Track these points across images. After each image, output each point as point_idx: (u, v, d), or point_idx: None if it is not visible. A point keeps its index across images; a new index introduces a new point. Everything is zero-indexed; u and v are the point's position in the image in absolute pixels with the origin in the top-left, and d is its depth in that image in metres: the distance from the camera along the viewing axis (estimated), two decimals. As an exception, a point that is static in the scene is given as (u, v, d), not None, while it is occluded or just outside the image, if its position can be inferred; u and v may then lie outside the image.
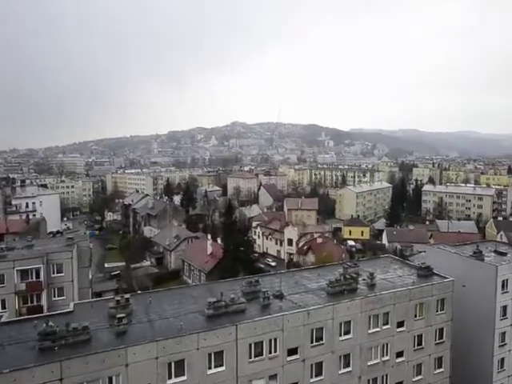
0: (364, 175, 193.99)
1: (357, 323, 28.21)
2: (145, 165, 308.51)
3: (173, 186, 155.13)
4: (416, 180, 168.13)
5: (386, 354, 29.67)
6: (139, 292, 38.42)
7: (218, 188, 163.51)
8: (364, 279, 31.80)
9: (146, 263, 76.09)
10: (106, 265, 74.93)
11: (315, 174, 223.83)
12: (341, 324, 27.68)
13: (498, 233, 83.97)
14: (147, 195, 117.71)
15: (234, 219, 67.00)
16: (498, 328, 34.73)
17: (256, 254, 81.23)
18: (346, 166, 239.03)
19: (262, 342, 24.95)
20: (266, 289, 28.37)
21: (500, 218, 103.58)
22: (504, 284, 34.69)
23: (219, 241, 67.76)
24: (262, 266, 74.82)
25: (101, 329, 23.73)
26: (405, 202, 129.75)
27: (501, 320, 34.85)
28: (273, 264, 78.02)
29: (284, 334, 25.50)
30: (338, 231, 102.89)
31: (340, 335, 27.72)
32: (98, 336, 22.90)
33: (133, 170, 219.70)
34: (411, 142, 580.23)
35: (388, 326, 29.48)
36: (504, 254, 37.88)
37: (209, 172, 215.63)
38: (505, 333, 35.24)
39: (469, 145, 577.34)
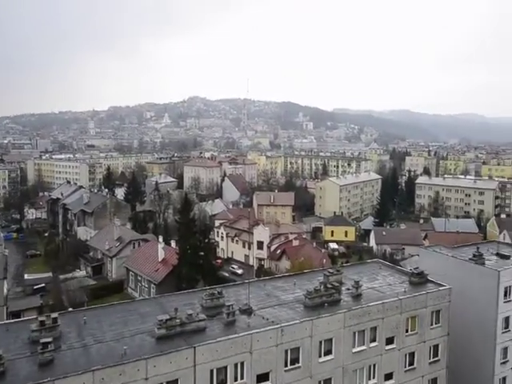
0: (349, 164, 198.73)
1: (339, 341, 28.92)
2: (78, 149, 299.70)
3: (115, 176, 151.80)
4: (409, 171, 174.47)
5: (373, 377, 30.68)
6: (71, 310, 37.28)
7: (173, 179, 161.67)
8: (348, 289, 32.62)
9: (80, 273, 74.09)
10: (26, 276, 72.26)
11: (291, 163, 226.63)
12: (320, 343, 28.27)
13: (500, 232, 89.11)
14: (81, 187, 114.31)
15: (192, 217, 66.58)
16: (499, 343, 36.87)
17: (219, 260, 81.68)
18: (328, 154, 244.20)
19: (225, 368, 25.04)
20: (230, 302, 28.42)
21: (503, 216, 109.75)
22: (507, 292, 36.83)
23: (173, 244, 67.08)
24: (226, 274, 75.20)
25: (19, 358, 22.88)
26: (396, 197, 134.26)
27: (503, 333, 37.01)
28: (239, 272, 78.47)
29: (252, 356, 25.70)
30: (318, 231, 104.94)
31: (319, 356, 28.31)
32: (16, 367, 22.05)
33: (62, 156, 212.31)
34: (404, 125, 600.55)
35: (375, 344, 30.48)
36: (507, 258, 40.20)
37: (160, 159, 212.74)
38: (507, 348, 37.48)
39: (471, 130, 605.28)
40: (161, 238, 68.11)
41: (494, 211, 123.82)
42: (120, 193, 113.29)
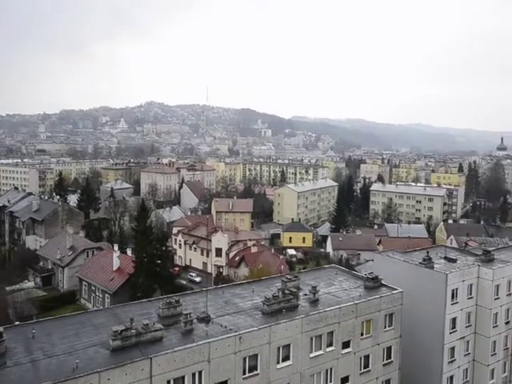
0: (307, 172, 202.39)
1: (297, 346, 29.23)
2: (28, 153, 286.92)
3: (67, 182, 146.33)
4: (364, 178, 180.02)
5: (330, 381, 31.19)
6: (18, 323, 35.43)
7: (129, 185, 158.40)
8: (306, 294, 33.09)
9: (29, 284, 70.69)
10: (-31, 288, 67.97)
11: (250, 170, 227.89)
12: (279, 349, 28.44)
13: (447, 237, 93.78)
14: (31, 194, 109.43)
15: (149, 225, 65.34)
16: (447, 343, 38.67)
17: (177, 268, 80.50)
18: (286, 161, 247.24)
19: (183, 378, 24.63)
20: (188, 311, 28.07)
21: (450, 221, 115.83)
22: (454, 294, 38.77)
23: (129, 252, 65.73)
24: (183, 282, 74.33)
25: (-39, 376, 21.45)
26: (352, 204, 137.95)
27: (450, 334, 38.87)
28: (197, 279, 77.79)
29: (211, 365, 25.47)
30: (277, 238, 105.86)
31: (277, 362, 28.46)
32: (-43, 386, 20.68)
33: (10, 161, 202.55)
34: (359, 133, 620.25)
35: (332, 348, 31.05)
36: (454, 261, 42.32)
37: (116, 164, 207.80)
38: (454, 348, 39.38)
39: (421, 139, 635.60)
40: (116, 247, 66.58)
41: (442, 217, 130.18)
42: (73, 200, 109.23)
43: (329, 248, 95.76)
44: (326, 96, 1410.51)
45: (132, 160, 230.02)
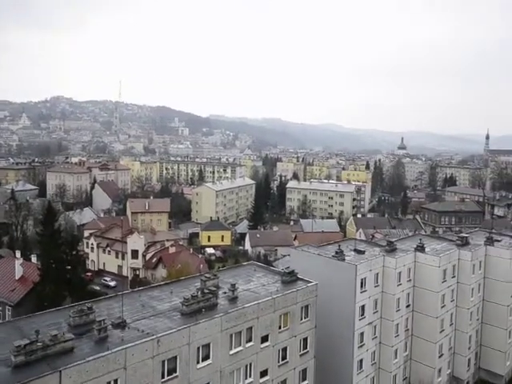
0: (225, 170, 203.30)
1: (217, 345, 29.23)
2: None
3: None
4: (280, 176, 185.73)
5: (250, 376, 31.65)
6: None
7: (33, 186, 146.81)
8: (225, 292, 33.20)
9: None
10: None
11: (167, 169, 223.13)
12: (198, 349, 28.19)
13: (357, 230, 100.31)
14: None
15: (58, 228, 61.10)
16: (357, 329, 41.39)
17: (89, 273, 76.45)
18: (204, 159, 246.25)
19: (97, 388, 23.43)
20: (102, 317, 26.71)
21: (359, 215, 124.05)
22: (362, 283, 41.59)
23: (34, 259, 60.87)
24: (97, 287, 70.95)
25: None
26: (269, 201, 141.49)
27: (359, 320, 41.65)
28: (112, 284, 74.77)
29: (127, 372, 24.47)
30: (195, 237, 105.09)
31: (197, 362, 28.21)
32: None
33: None
34: (276, 132, 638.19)
35: (251, 343, 31.51)
36: (362, 253, 45.37)
37: (18, 164, 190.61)
38: (363, 333, 42.30)
39: (332, 139, 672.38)
40: (18, 253, 60.97)
41: (351, 211, 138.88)
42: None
43: (247, 245, 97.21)
44: (244, 95, 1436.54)
45: (36, 159, 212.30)
